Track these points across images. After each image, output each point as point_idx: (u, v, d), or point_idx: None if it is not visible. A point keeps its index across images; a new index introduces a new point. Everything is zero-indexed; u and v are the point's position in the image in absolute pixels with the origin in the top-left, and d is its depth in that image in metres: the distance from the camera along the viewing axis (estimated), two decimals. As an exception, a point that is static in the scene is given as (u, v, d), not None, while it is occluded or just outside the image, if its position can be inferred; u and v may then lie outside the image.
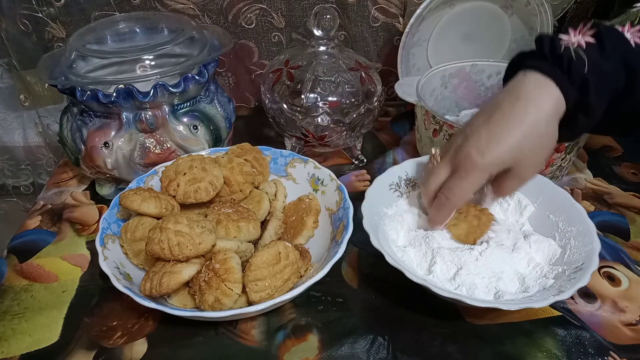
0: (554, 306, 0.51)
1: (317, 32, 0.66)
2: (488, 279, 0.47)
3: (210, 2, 0.77)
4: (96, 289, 0.54)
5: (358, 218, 0.50)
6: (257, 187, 0.61)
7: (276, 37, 0.83)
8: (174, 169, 0.55)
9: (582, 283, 0.44)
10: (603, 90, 0.43)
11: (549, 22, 0.77)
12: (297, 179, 0.62)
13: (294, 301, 0.51)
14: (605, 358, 0.46)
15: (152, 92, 0.57)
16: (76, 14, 0.76)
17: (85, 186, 0.70)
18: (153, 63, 0.61)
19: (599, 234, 0.49)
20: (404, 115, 0.86)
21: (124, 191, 0.53)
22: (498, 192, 0.52)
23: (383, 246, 0.47)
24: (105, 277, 0.46)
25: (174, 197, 0.54)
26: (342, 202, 0.55)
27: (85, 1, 0.75)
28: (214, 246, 0.48)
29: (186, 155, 0.58)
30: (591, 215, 0.52)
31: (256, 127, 0.83)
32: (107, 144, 0.59)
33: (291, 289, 0.46)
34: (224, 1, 0.78)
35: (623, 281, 0.54)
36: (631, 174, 0.71)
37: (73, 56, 0.61)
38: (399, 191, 0.58)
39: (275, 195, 0.60)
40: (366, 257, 0.57)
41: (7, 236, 0.63)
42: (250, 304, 0.46)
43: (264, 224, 0.56)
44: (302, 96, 0.65)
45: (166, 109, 0.60)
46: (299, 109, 0.66)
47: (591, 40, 0.43)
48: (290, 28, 0.81)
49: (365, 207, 0.51)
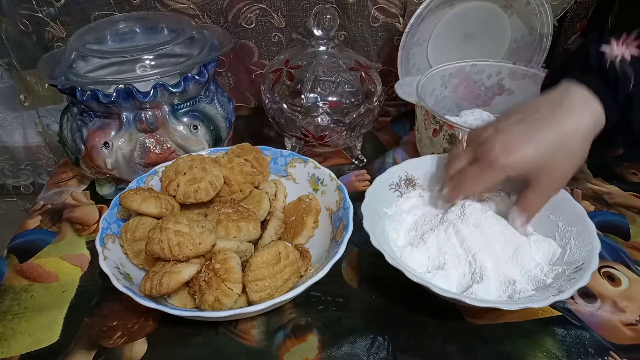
0: (554, 306, 0.51)
1: (317, 32, 0.66)
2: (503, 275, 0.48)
3: (210, 2, 0.77)
4: (96, 289, 0.54)
5: (358, 218, 0.50)
6: (257, 187, 0.61)
7: (276, 37, 0.83)
8: (174, 169, 0.55)
9: (582, 283, 0.44)
10: None
11: (549, 22, 0.77)
12: (297, 178, 0.62)
13: (294, 301, 0.51)
14: (605, 358, 0.46)
15: (152, 92, 0.57)
16: (76, 14, 0.76)
17: (85, 186, 0.70)
18: (153, 63, 0.61)
19: (599, 234, 0.49)
20: (404, 115, 0.86)
21: (124, 191, 0.53)
22: (523, 208, 0.50)
23: (383, 246, 0.47)
24: (105, 277, 0.46)
25: (174, 197, 0.54)
26: (342, 202, 0.55)
27: (85, 1, 0.75)
28: (214, 246, 0.48)
29: (186, 155, 0.58)
30: (591, 215, 0.52)
31: (256, 127, 0.83)
32: (107, 144, 0.59)
33: (291, 289, 0.46)
34: (224, 1, 0.77)
35: (623, 281, 0.54)
36: (631, 174, 0.71)
37: (73, 56, 0.61)
38: (399, 191, 0.58)
39: (275, 195, 0.60)
40: (366, 257, 0.57)
41: (7, 236, 0.63)
42: (250, 304, 0.46)
43: (264, 224, 0.56)
44: (302, 96, 0.65)
45: (166, 109, 0.60)
46: (299, 109, 0.66)
47: (636, 52, 0.42)
48: (290, 28, 0.81)
49: (365, 207, 0.51)
